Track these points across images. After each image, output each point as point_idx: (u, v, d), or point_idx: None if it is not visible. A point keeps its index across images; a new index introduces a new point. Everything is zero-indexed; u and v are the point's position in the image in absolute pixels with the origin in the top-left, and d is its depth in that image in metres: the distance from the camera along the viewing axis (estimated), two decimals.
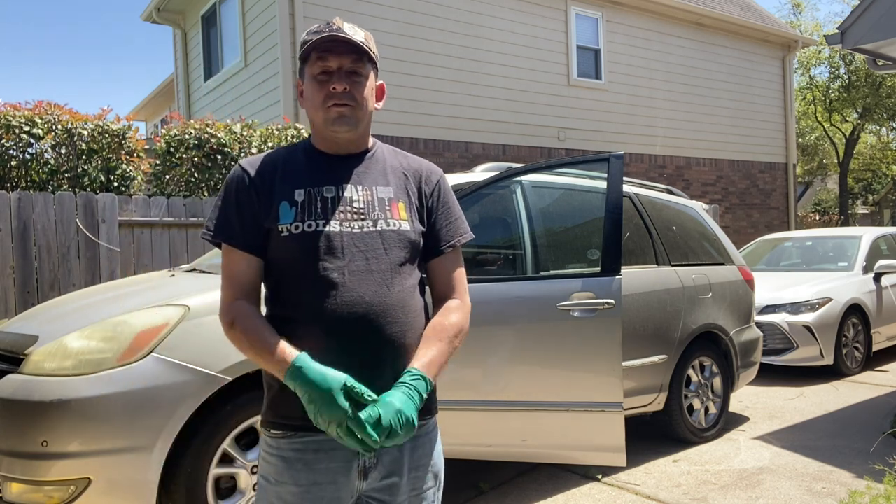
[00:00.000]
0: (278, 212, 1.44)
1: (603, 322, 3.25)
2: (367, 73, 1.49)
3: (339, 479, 1.42)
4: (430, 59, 9.75)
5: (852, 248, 7.42)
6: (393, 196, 1.51)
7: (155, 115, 17.66)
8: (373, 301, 1.41)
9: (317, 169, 1.50)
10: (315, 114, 1.48)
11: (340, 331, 1.39)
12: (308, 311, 1.41)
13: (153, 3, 11.53)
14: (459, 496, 3.64)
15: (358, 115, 1.47)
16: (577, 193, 3.96)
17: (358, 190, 1.48)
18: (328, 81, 1.45)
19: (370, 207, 1.47)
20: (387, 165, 1.55)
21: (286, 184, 1.47)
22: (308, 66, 1.48)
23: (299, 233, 1.42)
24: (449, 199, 1.59)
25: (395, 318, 1.43)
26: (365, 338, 1.40)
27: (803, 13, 23.02)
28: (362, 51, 1.46)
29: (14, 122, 5.35)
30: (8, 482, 2.56)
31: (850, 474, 3.82)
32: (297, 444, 1.42)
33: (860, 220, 26.44)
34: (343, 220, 1.44)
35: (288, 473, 1.42)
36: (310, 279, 1.41)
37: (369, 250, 1.44)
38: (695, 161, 13.01)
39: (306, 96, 1.50)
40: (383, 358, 1.42)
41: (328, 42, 1.44)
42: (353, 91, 1.46)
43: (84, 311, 2.96)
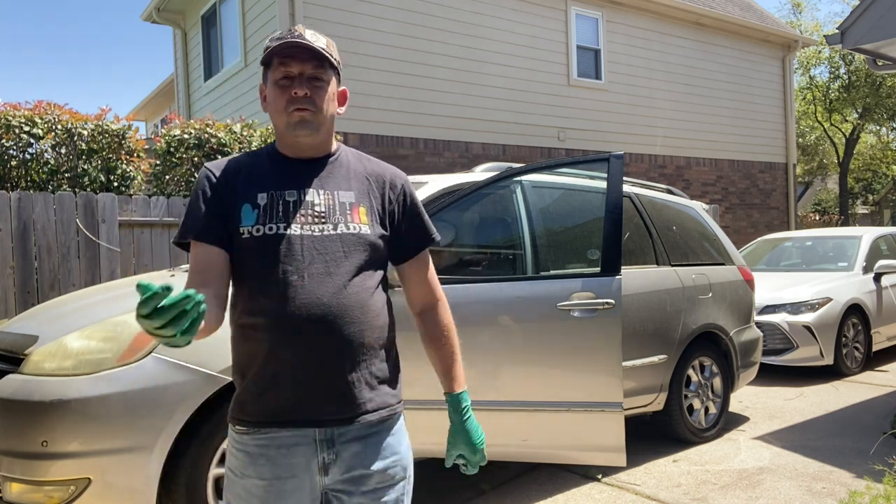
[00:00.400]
0: (240, 214, 1.48)
1: (603, 322, 3.25)
2: (328, 79, 1.52)
3: (301, 473, 1.47)
4: (430, 59, 9.75)
5: (852, 248, 7.42)
6: (354, 200, 1.54)
7: (155, 115, 17.66)
8: (331, 302, 1.45)
9: (280, 173, 1.53)
10: (277, 118, 1.52)
11: (300, 331, 1.43)
12: (269, 313, 1.44)
13: (153, 3, 11.53)
14: (459, 496, 3.64)
15: (319, 120, 1.51)
16: (577, 193, 3.96)
17: (320, 194, 1.52)
18: (290, 86, 1.49)
19: (331, 211, 1.51)
20: (350, 170, 1.58)
21: (249, 187, 1.50)
22: (270, 71, 1.52)
23: (260, 235, 1.46)
24: (414, 204, 1.63)
25: (354, 318, 1.47)
26: (324, 338, 1.44)
27: (803, 13, 23.04)
28: (323, 57, 1.50)
29: (14, 122, 5.35)
30: (8, 482, 2.56)
31: (850, 474, 3.82)
32: (260, 440, 1.47)
33: (860, 220, 26.44)
34: (304, 224, 1.48)
35: (252, 468, 1.47)
36: (270, 281, 1.44)
37: (328, 253, 1.47)
38: (695, 161, 13.01)
39: (269, 101, 1.54)
40: (343, 356, 1.47)
41: (290, 48, 1.48)
42: (314, 96, 1.49)
43: (84, 311, 2.96)
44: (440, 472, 3.98)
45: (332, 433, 1.48)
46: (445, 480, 3.88)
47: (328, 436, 1.48)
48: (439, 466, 4.01)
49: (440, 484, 3.83)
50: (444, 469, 4.00)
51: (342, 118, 8.92)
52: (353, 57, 9.09)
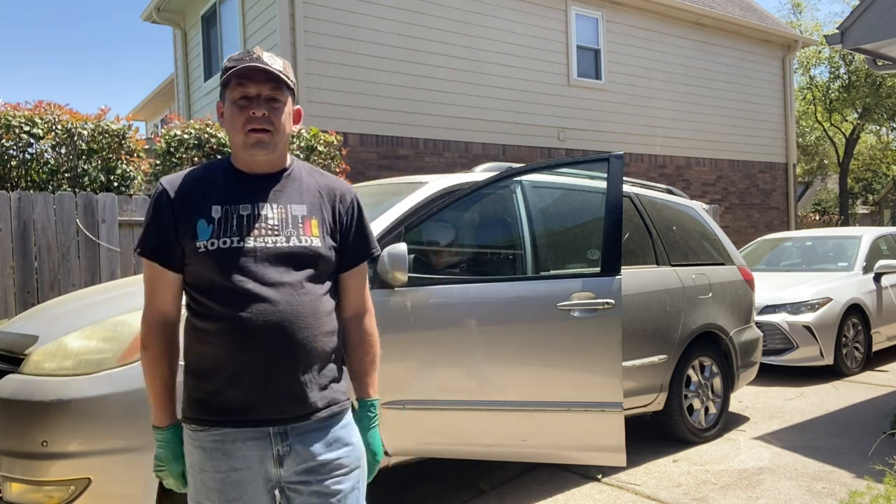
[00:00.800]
0: (196, 229, 1.56)
1: (603, 322, 3.25)
2: (284, 100, 1.61)
3: (256, 465, 1.56)
4: (430, 59, 9.75)
5: (852, 248, 7.42)
6: (306, 214, 1.63)
7: (155, 115, 17.66)
8: (285, 309, 1.54)
9: (235, 188, 1.61)
10: (234, 136, 1.59)
11: (256, 336, 1.52)
12: (226, 319, 1.53)
13: (153, 3, 11.53)
14: (459, 496, 3.64)
15: (275, 140, 1.59)
16: (577, 193, 3.96)
17: (273, 208, 1.60)
18: (248, 106, 1.57)
19: (284, 225, 1.59)
20: (303, 184, 1.67)
21: (204, 202, 1.58)
22: (229, 91, 1.59)
23: (215, 249, 1.54)
24: (361, 218, 1.74)
25: (307, 323, 1.57)
26: (279, 342, 1.54)
27: (803, 13, 23.03)
28: (280, 79, 1.58)
29: (14, 122, 5.35)
30: (8, 482, 2.56)
31: (850, 474, 3.82)
32: (215, 436, 1.56)
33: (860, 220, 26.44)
34: (257, 237, 1.56)
35: (209, 462, 1.56)
36: (226, 291, 1.53)
37: (281, 264, 1.56)
38: (695, 161, 13.01)
39: (226, 118, 1.61)
40: (297, 358, 1.56)
41: (249, 70, 1.56)
42: (272, 116, 1.58)
43: (84, 311, 2.95)
44: (440, 473, 3.98)
45: (285, 428, 1.57)
46: (445, 480, 3.88)
47: (282, 430, 1.57)
48: (439, 467, 4.01)
49: (440, 484, 3.83)
50: (444, 469, 4.00)
51: (342, 118, 8.92)
52: (353, 57, 9.09)
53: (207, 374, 1.56)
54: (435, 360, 3.14)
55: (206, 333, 1.55)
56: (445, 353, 3.14)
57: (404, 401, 3.09)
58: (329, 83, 8.90)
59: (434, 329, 3.14)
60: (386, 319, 3.06)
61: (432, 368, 3.14)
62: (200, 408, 1.57)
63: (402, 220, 3.28)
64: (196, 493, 1.59)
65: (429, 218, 3.26)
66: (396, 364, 3.09)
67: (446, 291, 3.18)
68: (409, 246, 3.10)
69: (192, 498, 1.61)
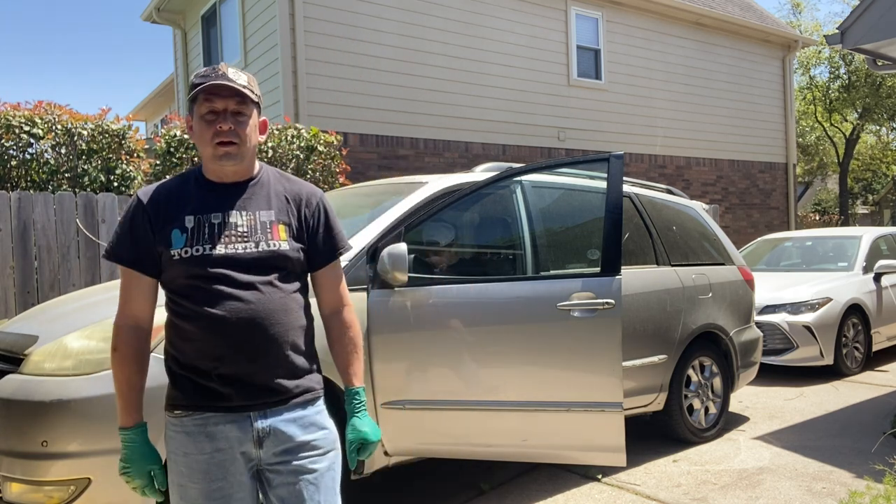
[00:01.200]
0: (170, 238, 1.67)
1: (603, 322, 3.25)
2: (249, 113, 1.71)
3: (237, 445, 1.67)
4: (430, 59, 9.75)
5: (852, 248, 7.42)
6: (274, 219, 1.74)
7: (155, 115, 17.66)
8: (258, 307, 1.67)
9: (206, 197, 1.72)
10: (204, 149, 1.70)
11: (231, 334, 1.65)
12: (203, 320, 1.65)
13: (153, 3, 11.53)
14: (459, 496, 3.64)
15: (242, 151, 1.70)
16: (576, 193, 3.95)
17: (242, 215, 1.71)
18: (215, 121, 1.67)
19: (252, 231, 1.71)
20: (270, 190, 1.78)
21: (178, 212, 1.69)
22: (196, 106, 1.69)
23: (189, 256, 1.66)
24: (329, 218, 1.84)
25: (278, 319, 1.69)
26: (252, 338, 1.67)
27: (803, 13, 23.03)
28: (244, 94, 1.68)
29: (14, 122, 5.35)
30: (8, 482, 2.56)
31: (850, 474, 3.82)
32: (198, 419, 1.68)
33: (860, 220, 26.45)
34: (228, 243, 1.68)
35: (193, 445, 1.67)
36: (201, 294, 1.65)
37: (252, 267, 1.68)
38: (695, 161, 13.01)
39: (195, 132, 1.71)
40: (269, 352, 1.69)
41: (215, 86, 1.65)
42: (238, 129, 1.68)
43: (84, 311, 2.95)
44: (440, 473, 3.98)
45: (265, 412, 1.70)
46: (445, 480, 3.88)
47: (262, 414, 1.69)
48: (439, 467, 4.01)
49: (440, 484, 3.83)
50: (444, 469, 4.00)
51: (343, 118, 8.90)
52: (353, 57, 9.09)
53: (190, 367, 1.68)
54: (435, 361, 3.14)
55: (186, 331, 1.67)
56: (445, 353, 3.14)
57: (404, 401, 3.09)
58: (329, 83, 8.90)
59: (434, 329, 3.14)
60: (386, 319, 3.07)
61: (432, 368, 3.14)
62: (185, 395, 1.68)
63: (402, 220, 3.28)
64: (179, 477, 1.67)
65: (429, 218, 3.26)
66: (396, 364, 3.09)
67: (446, 291, 3.18)
68: (409, 246, 3.10)
69: (175, 483, 1.69)
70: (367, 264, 3.10)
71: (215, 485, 1.65)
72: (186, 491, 1.67)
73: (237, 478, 1.67)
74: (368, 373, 3.05)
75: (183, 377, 1.69)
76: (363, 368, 1.88)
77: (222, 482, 1.65)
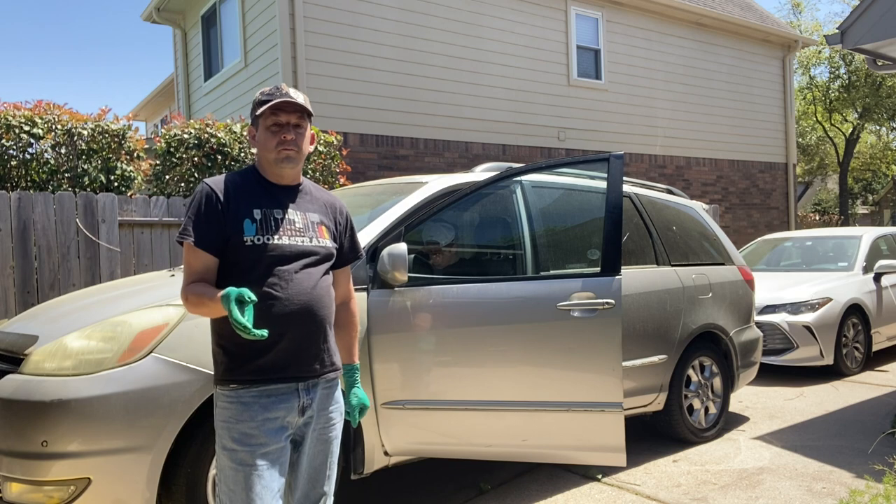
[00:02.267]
0: (242, 226, 1.94)
1: (603, 322, 3.25)
2: (306, 126, 2.05)
3: (283, 415, 1.97)
4: (430, 59, 9.75)
5: (852, 248, 7.42)
6: (319, 221, 2.09)
7: (155, 115, 17.66)
8: (311, 293, 1.99)
9: (267, 195, 2.03)
10: (267, 154, 2.02)
11: (289, 312, 1.95)
12: (268, 300, 1.93)
13: (153, 3, 11.52)
14: (459, 496, 3.64)
15: (299, 158, 2.04)
16: (576, 193, 3.95)
17: (298, 214, 2.05)
18: (279, 132, 2.00)
19: (307, 228, 2.05)
20: (314, 197, 2.13)
21: (246, 205, 1.98)
22: (262, 118, 2.01)
23: (260, 244, 1.95)
24: (353, 228, 2.23)
25: (325, 304, 2.04)
26: (306, 318, 1.98)
27: (803, 13, 23.03)
28: (305, 110, 2.02)
29: (14, 122, 5.35)
30: (8, 482, 2.56)
31: (850, 474, 3.82)
32: (254, 392, 1.94)
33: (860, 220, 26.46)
34: (291, 236, 2.00)
35: (247, 413, 1.93)
36: (267, 276, 1.94)
37: (307, 258, 2.01)
38: (695, 161, 13.01)
39: (259, 140, 2.03)
40: (319, 331, 2.03)
41: (282, 103, 1.99)
42: (298, 140, 2.02)
43: (84, 311, 2.95)
44: (440, 473, 3.98)
45: (308, 384, 2.02)
46: (445, 481, 3.88)
47: (306, 386, 2.01)
48: (439, 467, 4.01)
49: (440, 484, 3.83)
50: (444, 469, 4.00)
51: (342, 118, 8.89)
52: (354, 57, 9.09)
53: (247, 343, 1.92)
54: (435, 360, 3.14)
55: None
56: (445, 353, 3.14)
57: (404, 401, 3.09)
58: (329, 83, 8.90)
59: (434, 329, 3.14)
60: (386, 319, 3.07)
61: (432, 368, 3.14)
62: (244, 369, 1.93)
63: (403, 219, 3.28)
64: (230, 442, 1.91)
65: (429, 218, 3.26)
66: (396, 364, 3.09)
67: (446, 291, 3.18)
68: (409, 246, 3.10)
69: (224, 448, 1.92)
70: (367, 264, 3.10)
71: (264, 449, 1.91)
72: (236, 454, 1.90)
73: (282, 443, 1.95)
74: (368, 373, 3.05)
75: (241, 354, 1.93)
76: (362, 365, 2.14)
77: (270, 447, 1.92)
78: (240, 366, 1.94)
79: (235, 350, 1.95)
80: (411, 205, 3.39)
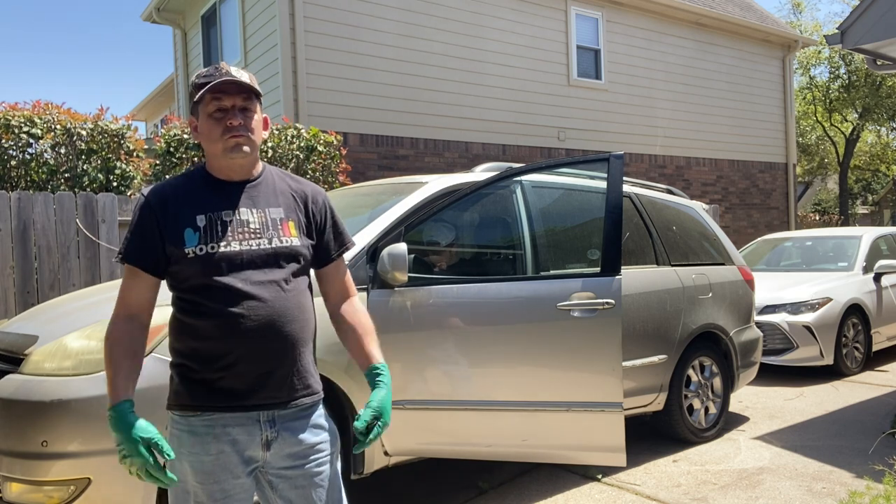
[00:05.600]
0: (183, 237, 1.66)
1: (603, 322, 3.25)
2: (254, 109, 1.73)
3: (242, 448, 1.67)
4: (430, 59, 9.74)
5: (852, 248, 7.42)
6: (284, 216, 1.76)
7: (155, 115, 17.65)
8: (274, 305, 1.67)
9: (215, 195, 1.72)
10: (213, 146, 1.70)
11: (249, 331, 1.64)
12: (219, 317, 1.64)
13: (153, 3, 11.52)
14: (459, 496, 3.64)
15: (252, 144, 1.72)
16: (576, 193, 3.95)
17: (253, 213, 1.72)
18: (224, 118, 1.68)
19: (264, 227, 1.72)
20: (276, 188, 1.79)
21: (189, 211, 1.68)
22: (203, 105, 1.70)
23: (203, 254, 1.65)
24: (334, 215, 1.88)
25: (294, 316, 1.70)
26: (270, 335, 1.66)
27: (803, 13, 23.03)
28: (250, 90, 1.71)
29: (13, 122, 5.35)
30: (8, 482, 2.56)
31: (850, 474, 3.82)
32: (206, 420, 1.66)
33: (860, 220, 26.46)
34: (242, 240, 1.68)
35: (199, 445, 1.66)
36: (217, 291, 1.65)
37: (266, 264, 1.69)
38: (695, 161, 13.01)
39: (202, 131, 1.72)
40: (286, 350, 1.69)
41: (222, 84, 1.67)
42: (246, 124, 1.70)
43: (84, 311, 2.95)
44: (440, 473, 3.98)
45: (273, 414, 1.69)
46: (445, 481, 3.88)
47: (270, 417, 1.69)
48: (439, 467, 4.01)
49: (440, 484, 3.83)
50: (444, 469, 4.00)
51: (342, 118, 8.88)
52: (354, 57, 9.09)
53: (201, 365, 1.66)
54: (435, 360, 3.14)
55: (199, 329, 1.65)
56: (445, 353, 3.14)
57: (404, 401, 3.08)
58: (329, 83, 8.90)
59: (434, 329, 3.14)
60: (386, 319, 3.06)
61: (432, 368, 3.14)
62: (194, 394, 1.67)
63: (403, 219, 3.28)
64: (183, 476, 1.66)
65: (429, 218, 3.26)
66: (396, 364, 3.09)
67: (446, 291, 3.18)
68: (409, 246, 3.10)
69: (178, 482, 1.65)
70: (367, 264, 3.10)
71: (219, 486, 1.65)
72: (187, 489, 1.67)
73: (241, 479, 1.67)
74: None
75: (192, 377, 1.67)
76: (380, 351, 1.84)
77: (226, 483, 1.66)
78: (191, 388, 1.68)
79: (185, 370, 1.69)
80: (411, 205, 3.39)
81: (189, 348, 1.68)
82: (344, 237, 1.89)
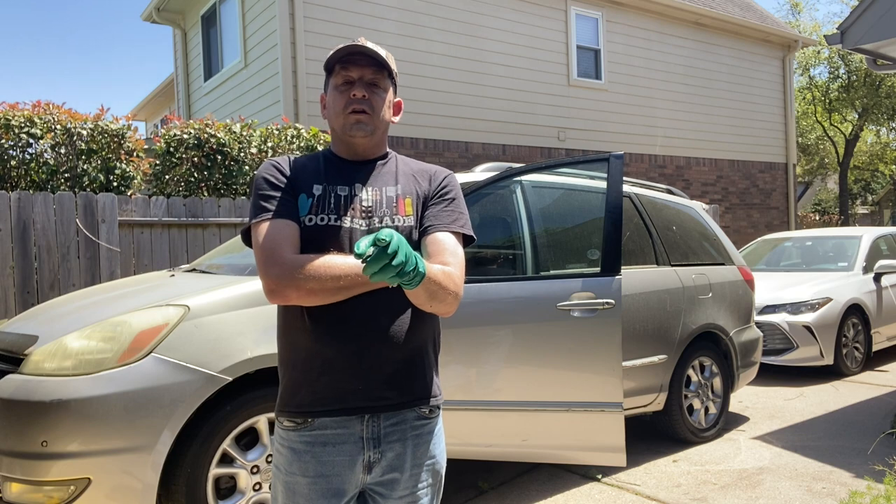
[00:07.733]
0: (298, 202, 1.54)
1: (603, 322, 3.25)
2: (385, 87, 1.60)
3: (345, 471, 1.51)
4: (430, 59, 9.75)
5: (852, 248, 7.42)
6: (400, 193, 1.59)
7: (155, 115, 17.65)
8: (380, 292, 1.48)
9: (334, 170, 1.60)
10: (335, 120, 1.59)
11: (348, 320, 1.48)
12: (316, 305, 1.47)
13: (153, 3, 11.52)
14: (459, 496, 3.64)
15: (374, 123, 1.58)
16: (576, 193, 3.95)
17: (368, 191, 1.58)
18: (349, 90, 1.56)
19: (377, 206, 1.56)
20: (398, 170, 1.64)
21: (306, 180, 1.57)
22: (332, 77, 1.60)
23: (312, 225, 1.52)
24: (454, 192, 1.64)
25: (402, 307, 1.51)
26: (373, 316, 1.49)
27: (802, 13, 23.03)
28: (382, 64, 1.57)
29: (13, 122, 5.35)
30: (8, 482, 2.56)
31: (850, 474, 3.82)
32: (306, 436, 1.51)
33: (860, 220, 26.46)
34: (353, 217, 1.54)
35: (297, 464, 1.51)
36: None
37: None
38: (695, 161, 13.01)
39: (328, 105, 1.62)
40: (392, 344, 1.50)
41: (351, 54, 1.56)
42: (371, 99, 1.56)
43: (84, 311, 2.95)
44: None
45: (378, 431, 1.52)
46: (445, 481, 3.87)
47: (374, 434, 1.51)
48: None
49: None
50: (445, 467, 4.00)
51: None
52: None
53: (298, 362, 1.52)
54: None
55: (297, 318, 1.51)
56: (445, 353, 3.14)
57: None
58: None
59: None
60: None
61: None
62: (294, 397, 1.52)
63: None
64: (279, 495, 1.55)
65: None
66: None
67: None
68: None
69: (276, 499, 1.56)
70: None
71: None
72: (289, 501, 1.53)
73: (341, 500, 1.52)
74: None
75: (292, 375, 1.53)
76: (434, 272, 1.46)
77: None
78: (294, 391, 1.53)
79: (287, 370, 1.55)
80: None
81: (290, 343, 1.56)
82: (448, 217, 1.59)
